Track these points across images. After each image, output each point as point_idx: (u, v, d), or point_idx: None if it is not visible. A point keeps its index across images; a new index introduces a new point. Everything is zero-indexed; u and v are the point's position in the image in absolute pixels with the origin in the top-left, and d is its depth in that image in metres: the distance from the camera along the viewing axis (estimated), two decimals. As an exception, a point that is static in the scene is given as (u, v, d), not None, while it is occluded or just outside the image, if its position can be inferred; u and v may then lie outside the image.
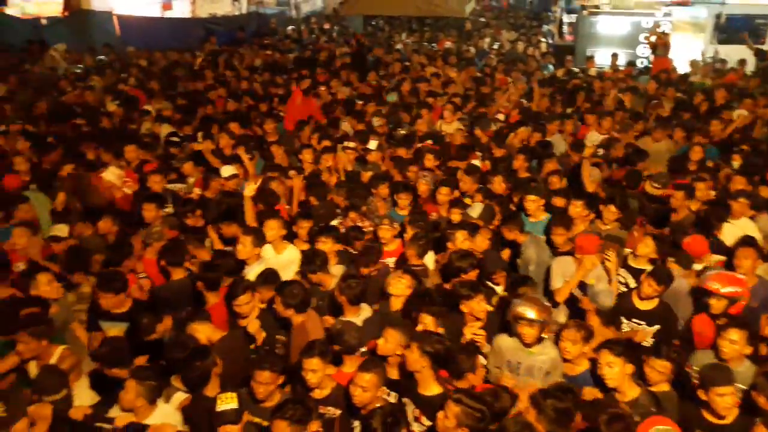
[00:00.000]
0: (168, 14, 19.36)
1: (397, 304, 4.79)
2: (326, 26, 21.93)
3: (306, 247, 5.71)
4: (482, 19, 22.14)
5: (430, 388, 3.92)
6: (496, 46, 17.69)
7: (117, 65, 14.10)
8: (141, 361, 4.20)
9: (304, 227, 5.92)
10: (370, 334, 4.46)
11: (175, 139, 8.72)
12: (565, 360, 4.30)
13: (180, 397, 3.99)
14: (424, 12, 15.74)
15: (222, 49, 16.48)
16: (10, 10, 18.22)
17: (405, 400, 4.04)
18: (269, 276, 4.87)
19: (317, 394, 3.98)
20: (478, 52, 16.68)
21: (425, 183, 6.99)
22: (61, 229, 6.05)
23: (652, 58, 15.00)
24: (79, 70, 13.88)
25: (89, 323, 4.94)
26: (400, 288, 4.79)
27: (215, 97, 11.14)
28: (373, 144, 8.12)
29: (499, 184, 7.04)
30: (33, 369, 4.31)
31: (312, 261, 5.12)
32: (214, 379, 3.94)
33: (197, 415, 3.84)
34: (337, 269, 5.26)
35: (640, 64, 15.53)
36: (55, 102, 10.96)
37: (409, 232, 5.71)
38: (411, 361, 3.88)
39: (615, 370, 3.96)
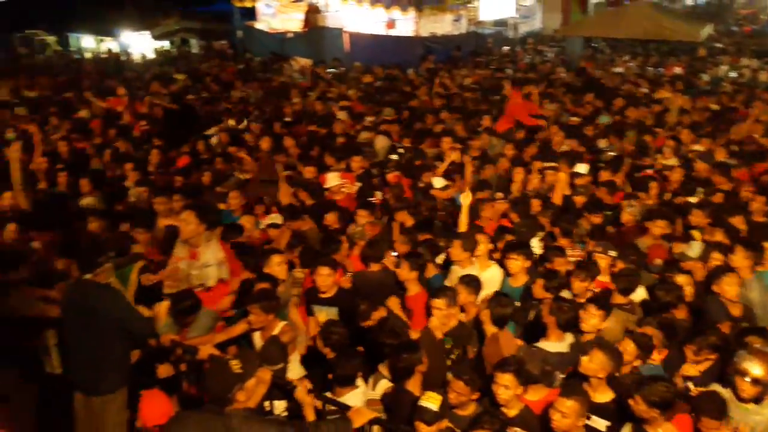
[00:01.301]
0: (391, 32, 20.56)
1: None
2: (543, 47, 21.66)
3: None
4: (719, 45, 20.20)
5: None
6: (734, 75, 16.03)
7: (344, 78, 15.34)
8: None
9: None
10: (572, 360, 4.32)
11: (400, 151, 9.23)
12: None
13: (385, 384, 4.21)
14: (654, 35, 14.73)
15: (437, 66, 17.09)
16: (259, 25, 20.79)
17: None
18: (472, 281, 4.96)
19: (506, 412, 3.93)
20: (711, 79, 15.27)
21: (630, 213, 6.59)
22: (277, 218, 6.59)
23: None
24: (303, 79, 15.36)
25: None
26: (591, 324, 4.57)
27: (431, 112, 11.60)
28: (582, 168, 7.82)
29: (740, 224, 6.29)
30: (257, 338, 4.83)
31: (550, 279, 5.10)
32: (418, 375, 4.08)
33: (395, 404, 4.01)
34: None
35: None
36: (289, 108, 12.26)
37: (619, 267, 5.43)
38: (638, 411, 3.70)
39: None
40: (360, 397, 4.20)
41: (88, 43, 25.99)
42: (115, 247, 5.44)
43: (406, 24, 20.37)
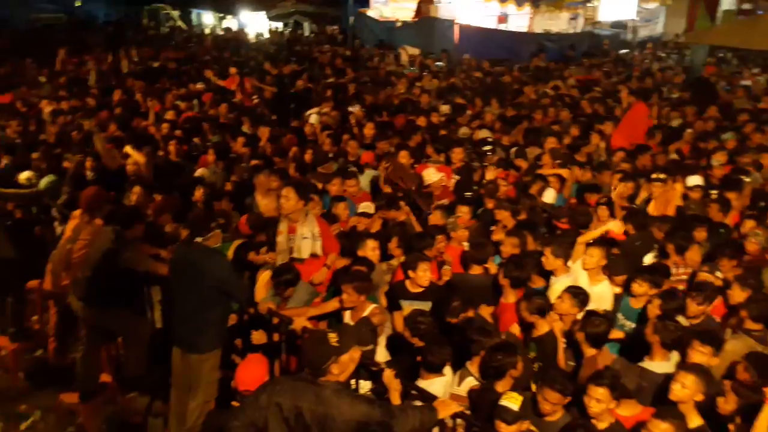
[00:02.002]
0: (502, 27, 20.19)
1: None
2: (661, 53, 20.57)
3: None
4: None
5: None
6: None
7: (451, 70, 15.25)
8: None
9: None
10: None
11: (488, 147, 9.07)
12: None
13: (471, 382, 4.19)
14: (791, 48, 13.58)
15: (548, 65, 16.61)
16: (371, 12, 21.06)
17: None
18: (580, 294, 4.78)
19: (595, 424, 3.79)
20: None
21: (756, 242, 6.13)
22: (369, 207, 6.57)
23: None
24: (412, 69, 15.35)
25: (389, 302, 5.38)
26: (696, 357, 4.29)
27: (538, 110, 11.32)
28: (696, 180, 7.35)
29: None
30: (347, 318, 4.90)
31: (669, 300, 4.88)
32: (509, 378, 4.03)
33: (482, 402, 3.98)
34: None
35: None
36: (391, 97, 12.33)
37: (737, 291, 5.07)
38: None
39: None
40: (444, 386, 4.20)
41: (208, 19, 27.36)
42: (223, 218, 5.69)
43: (519, 19, 19.96)
